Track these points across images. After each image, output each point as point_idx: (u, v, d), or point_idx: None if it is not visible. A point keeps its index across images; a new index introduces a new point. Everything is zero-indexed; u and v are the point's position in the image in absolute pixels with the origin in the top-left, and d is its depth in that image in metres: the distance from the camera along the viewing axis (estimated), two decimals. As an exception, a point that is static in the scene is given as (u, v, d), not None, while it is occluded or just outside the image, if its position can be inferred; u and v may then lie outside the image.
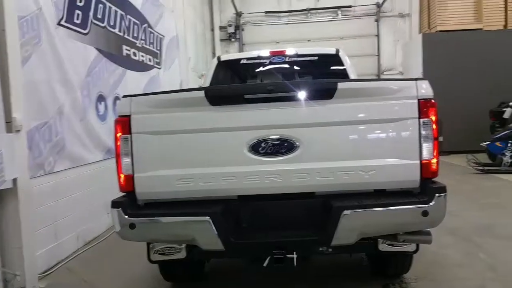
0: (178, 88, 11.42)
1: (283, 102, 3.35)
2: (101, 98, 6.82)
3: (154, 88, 9.44)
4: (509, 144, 10.51)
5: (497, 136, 10.91)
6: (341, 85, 3.32)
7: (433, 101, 3.31)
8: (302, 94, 3.34)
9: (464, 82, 14.04)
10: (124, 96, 3.49)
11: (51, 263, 5.36)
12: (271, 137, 3.34)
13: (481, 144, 11.03)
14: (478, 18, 14.79)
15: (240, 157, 3.37)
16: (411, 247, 3.67)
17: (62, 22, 5.76)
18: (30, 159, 4.94)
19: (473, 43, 14.18)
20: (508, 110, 11.45)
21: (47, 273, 5.19)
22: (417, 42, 15.02)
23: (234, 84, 7.07)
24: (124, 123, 3.42)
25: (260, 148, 3.35)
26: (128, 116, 3.42)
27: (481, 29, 14.68)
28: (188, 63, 12.84)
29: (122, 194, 3.58)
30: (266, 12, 17.24)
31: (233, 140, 3.39)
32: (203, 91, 3.40)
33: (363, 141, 3.40)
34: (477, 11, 14.80)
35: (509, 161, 10.48)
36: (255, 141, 3.35)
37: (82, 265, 5.50)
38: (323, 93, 3.34)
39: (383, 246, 3.62)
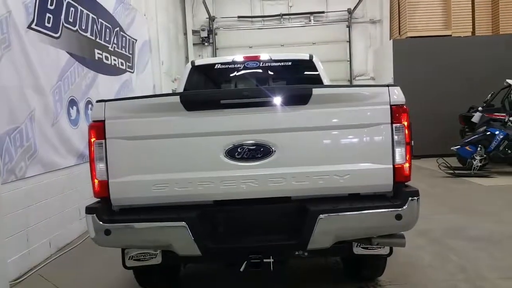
0: (151, 92, 11.39)
1: (259, 108, 3.38)
2: (73, 103, 6.74)
3: (126, 92, 9.37)
4: (478, 148, 10.72)
5: (466, 140, 11.12)
6: (316, 91, 3.37)
7: (405, 106, 3.39)
8: (277, 100, 3.37)
9: (434, 87, 14.30)
10: (98, 101, 3.46)
11: (23, 270, 5.26)
12: (247, 142, 3.36)
13: (452, 148, 11.23)
14: (447, 25, 15.10)
15: (216, 162, 3.38)
16: (385, 250, 3.71)
17: (33, 26, 5.67)
18: (1, 165, 4.86)
19: (443, 49, 14.46)
20: (476, 114, 11.68)
21: (19, 280, 5.10)
22: (388, 48, 15.24)
23: (208, 89, 7.07)
24: (98, 128, 3.39)
25: (236, 153, 3.36)
26: (102, 121, 3.39)
27: (450, 35, 14.99)
28: (161, 67, 12.78)
29: (95, 199, 3.54)
30: (239, 16, 17.25)
31: (209, 145, 3.40)
32: (178, 96, 3.40)
33: (337, 146, 3.45)
34: (446, 18, 15.12)
35: (479, 165, 10.67)
36: (231, 146, 3.36)
37: (54, 271, 5.41)
38: (298, 99, 3.38)
39: (358, 250, 3.66)
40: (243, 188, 3.38)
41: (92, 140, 3.39)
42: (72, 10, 6.80)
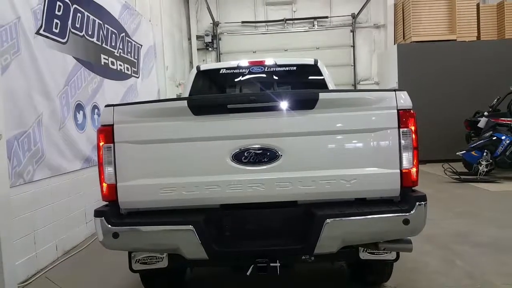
0: (155, 97, 11.43)
1: (265, 112, 3.38)
2: (79, 107, 6.77)
3: (132, 97, 9.42)
4: (484, 153, 10.68)
5: (472, 145, 11.06)
6: (322, 95, 3.37)
7: (412, 111, 3.38)
8: (284, 104, 3.37)
9: (439, 92, 14.28)
10: (107, 106, 3.48)
11: (30, 273, 5.31)
12: (253, 146, 3.37)
13: (457, 153, 11.20)
14: (451, 29, 15.07)
15: (223, 166, 3.39)
16: (391, 255, 3.70)
17: (41, 31, 5.72)
18: (9, 168, 4.90)
19: (447, 54, 14.45)
20: (482, 119, 11.65)
21: (26, 282, 5.14)
22: (393, 53, 15.23)
23: (213, 93, 7.09)
24: (107, 132, 3.42)
25: (243, 157, 3.38)
26: (111, 126, 3.42)
27: (455, 40, 14.96)
28: (165, 72, 12.82)
29: (100, 203, 3.58)
30: (243, 22, 17.30)
31: (216, 149, 3.41)
32: (185, 101, 3.41)
33: (344, 150, 3.45)
34: (451, 22, 15.08)
35: (485, 170, 10.63)
36: (237, 150, 3.37)
37: (61, 274, 5.44)
38: (305, 103, 3.38)
39: (364, 255, 3.64)
40: (250, 192, 3.39)
41: (101, 144, 3.42)
42: (78, 16, 6.85)
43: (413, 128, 3.35)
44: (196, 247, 3.28)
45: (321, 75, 6.54)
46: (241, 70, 6.80)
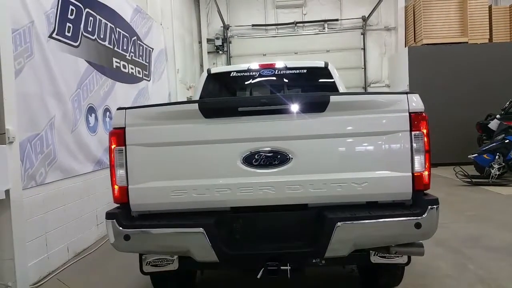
0: (166, 99, 11.48)
1: (276, 115, 3.38)
2: (91, 110, 6.82)
3: (143, 100, 9.48)
4: (496, 157, 10.58)
5: (484, 148, 10.98)
6: (333, 98, 3.36)
7: (424, 114, 3.36)
8: (295, 107, 3.37)
9: (451, 94, 14.19)
10: (119, 109, 3.51)
11: (42, 274, 5.37)
12: (264, 149, 3.37)
13: (469, 156, 11.09)
14: (463, 32, 14.97)
15: (233, 169, 3.39)
16: (403, 259, 3.65)
17: (54, 35, 5.78)
18: (22, 171, 4.95)
19: (459, 56, 14.36)
20: (494, 122, 11.54)
21: (38, 284, 5.19)
22: (403, 55, 15.17)
23: (223, 96, 7.10)
24: (118, 135, 3.44)
25: (254, 160, 3.37)
26: (123, 128, 3.44)
27: (466, 42, 14.86)
28: (176, 75, 12.87)
29: (112, 205, 3.60)
30: (253, 25, 17.32)
31: (227, 152, 3.41)
32: (196, 104, 3.42)
33: (355, 153, 3.43)
34: (462, 25, 14.98)
35: (497, 173, 10.54)
36: (248, 153, 3.37)
37: (73, 276, 5.48)
38: (316, 106, 3.38)
39: (375, 258, 3.60)
40: (260, 195, 3.39)
41: (113, 146, 3.44)
42: (91, 20, 6.91)
43: (425, 131, 3.33)
44: (207, 250, 3.28)
45: (332, 77, 6.52)
46: (251, 73, 6.79)
